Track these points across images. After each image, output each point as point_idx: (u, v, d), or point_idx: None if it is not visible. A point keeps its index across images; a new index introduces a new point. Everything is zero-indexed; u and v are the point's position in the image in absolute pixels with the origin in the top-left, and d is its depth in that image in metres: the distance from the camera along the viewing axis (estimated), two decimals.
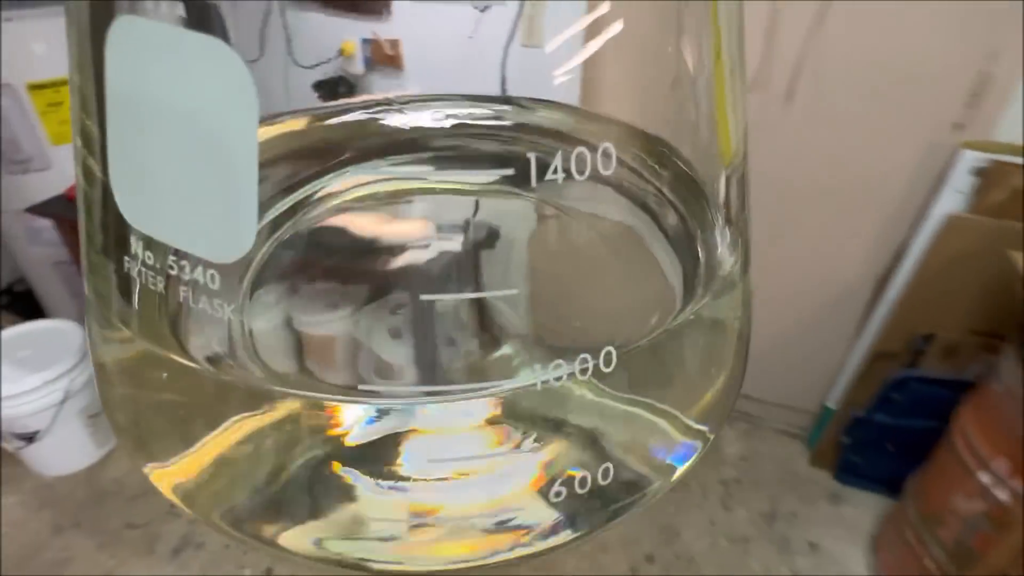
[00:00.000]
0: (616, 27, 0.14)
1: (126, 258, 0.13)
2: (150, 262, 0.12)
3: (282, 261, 0.17)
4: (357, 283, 0.17)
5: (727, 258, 0.16)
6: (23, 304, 1.42)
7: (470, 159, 0.22)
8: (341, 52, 0.26)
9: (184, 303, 0.12)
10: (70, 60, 0.13)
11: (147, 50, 0.11)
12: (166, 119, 0.11)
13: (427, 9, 0.23)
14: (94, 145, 0.13)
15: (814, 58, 0.87)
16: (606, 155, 0.12)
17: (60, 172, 1.47)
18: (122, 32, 0.10)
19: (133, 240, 0.12)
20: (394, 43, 0.24)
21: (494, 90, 0.25)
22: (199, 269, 0.12)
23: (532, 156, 0.12)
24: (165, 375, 0.14)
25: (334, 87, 0.26)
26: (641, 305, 0.17)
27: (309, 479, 0.14)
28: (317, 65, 0.24)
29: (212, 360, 0.14)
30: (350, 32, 0.25)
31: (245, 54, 0.14)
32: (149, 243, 0.12)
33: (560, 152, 0.12)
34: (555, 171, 0.12)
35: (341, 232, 0.19)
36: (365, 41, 0.25)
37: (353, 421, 0.14)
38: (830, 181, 0.99)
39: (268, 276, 0.16)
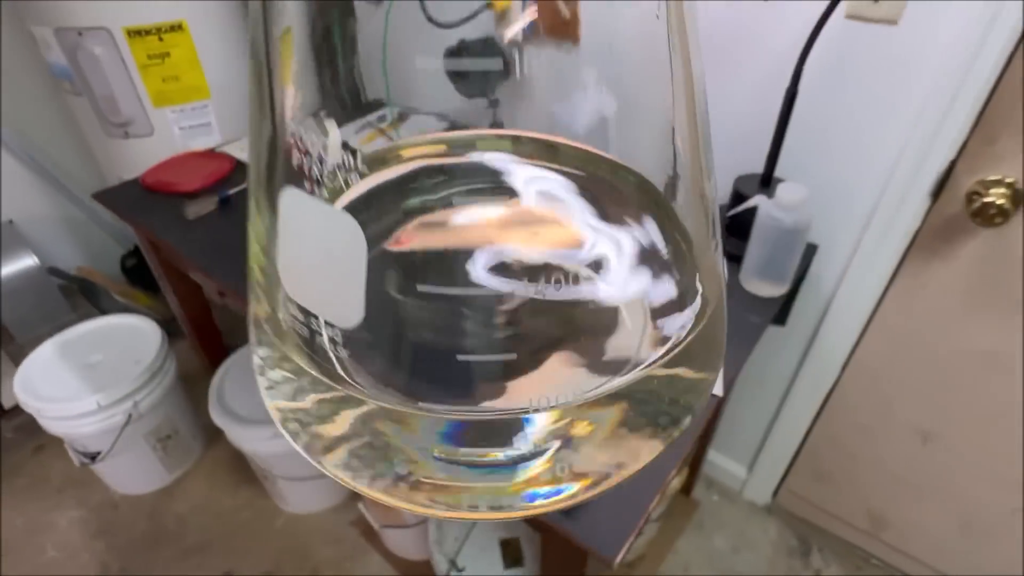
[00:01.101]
0: None
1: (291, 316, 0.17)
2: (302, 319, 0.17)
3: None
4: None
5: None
6: (145, 270, 1.43)
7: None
8: (490, 7, 0.18)
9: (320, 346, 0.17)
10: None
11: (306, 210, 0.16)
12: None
13: None
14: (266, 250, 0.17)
15: None
16: None
17: (163, 139, 1.23)
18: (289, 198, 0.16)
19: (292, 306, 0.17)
20: (570, 2, 0.16)
21: (778, 87, 0.18)
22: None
23: None
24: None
25: (477, 54, 0.18)
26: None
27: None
28: (457, 23, 0.18)
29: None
30: None
31: None
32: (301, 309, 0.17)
33: None
34: None
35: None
36: None
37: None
38: None
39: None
